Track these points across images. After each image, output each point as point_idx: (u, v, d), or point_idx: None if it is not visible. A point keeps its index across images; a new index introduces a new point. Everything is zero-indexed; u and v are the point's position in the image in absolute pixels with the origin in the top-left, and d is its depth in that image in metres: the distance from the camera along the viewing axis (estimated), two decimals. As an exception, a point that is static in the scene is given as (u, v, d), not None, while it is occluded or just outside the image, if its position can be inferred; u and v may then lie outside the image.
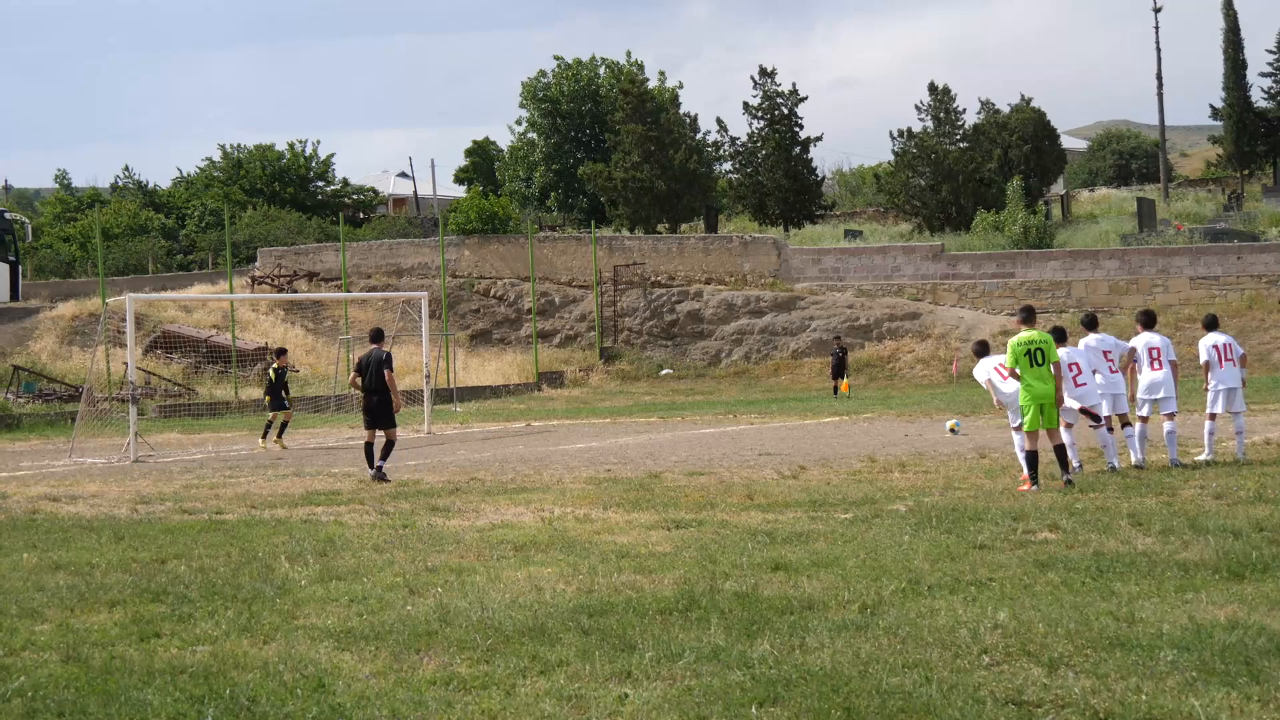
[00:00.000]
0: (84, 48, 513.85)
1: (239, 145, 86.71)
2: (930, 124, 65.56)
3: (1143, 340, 18.70)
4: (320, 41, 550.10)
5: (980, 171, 62.96)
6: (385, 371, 20.68)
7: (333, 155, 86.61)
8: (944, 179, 62.69)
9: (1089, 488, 16.11)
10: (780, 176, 67.58)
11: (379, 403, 20.75)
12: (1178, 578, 10.38)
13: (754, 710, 7.40)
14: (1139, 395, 18.68)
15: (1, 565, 12.92)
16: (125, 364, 31.74)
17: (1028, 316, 17.01)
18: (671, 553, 12.37)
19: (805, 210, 69.12)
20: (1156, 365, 18.46)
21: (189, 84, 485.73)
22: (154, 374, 45.98)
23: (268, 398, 29.99)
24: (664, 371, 54.85)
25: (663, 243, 59.69)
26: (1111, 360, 18.65)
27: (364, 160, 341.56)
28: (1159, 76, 71.87)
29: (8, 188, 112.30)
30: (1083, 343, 18.76)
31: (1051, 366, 16.48)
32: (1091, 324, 19.32)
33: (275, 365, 30.17)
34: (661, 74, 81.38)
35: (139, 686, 8.22)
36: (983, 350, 18.04)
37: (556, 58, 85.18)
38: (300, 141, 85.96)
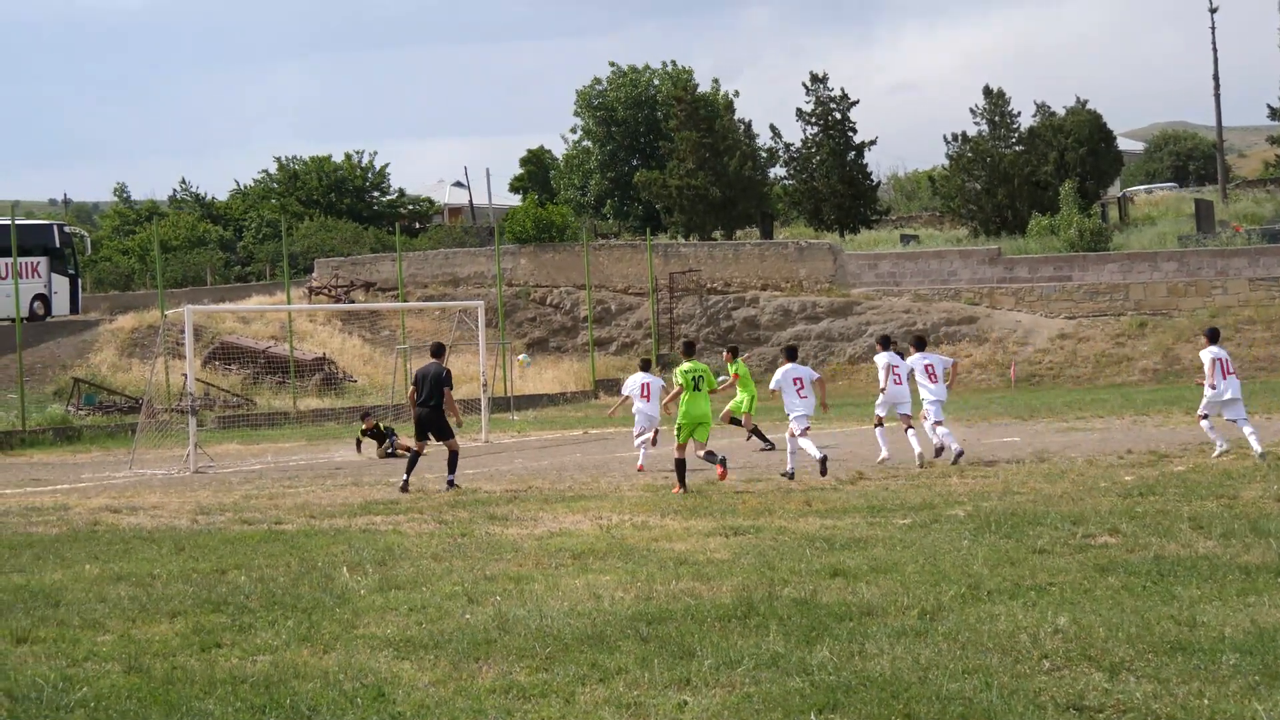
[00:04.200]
0: (143, 63, 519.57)
1: (295, 157, 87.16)
2: (985, 128, 65.18)
3: (1211, 353, 20.46)
4: (375, 52, 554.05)
5: (1036, 174, 62.53)
6: (445, 389, 20.91)
7: (388, 165, 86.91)
8: (999, 182, 62.25)
9: (1149, 491, 15.99)
10: (835, 182, 67.34)
11: (433, 413, 20.92)
12: (1239, 581, 10.30)
13: (813, 717, 7.39)
14: (1209, 399, 20.40)
15: (64, 576, 13.05)
16: (184, 375, 31.94)
17: (688, 351, 20.72)
18: (730, 560, 12.37)
19: (861, 215, 68.87)
20: (1227, 373, 20.32)
21: (246, 97, 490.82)
22: (213, 385, 46.31)
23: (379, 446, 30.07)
24: (720, 378, 54.62)
25: (718, 249, 59.61)
26: (933, 372, 21.82)
27: (419, 170, 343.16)
28: (1216, 77, 71.19)
29: (67, 201, 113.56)
30: (909, 361, 22.15)
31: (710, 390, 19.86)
32: (920, 344, 22.77)
33: (377, 424, 30.62)
34: (715, 81, 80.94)
35: (200, 696, 8.30)
36: (886, 344, 22.66)
37: (611, 64, 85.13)
38: (356, 152, 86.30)
